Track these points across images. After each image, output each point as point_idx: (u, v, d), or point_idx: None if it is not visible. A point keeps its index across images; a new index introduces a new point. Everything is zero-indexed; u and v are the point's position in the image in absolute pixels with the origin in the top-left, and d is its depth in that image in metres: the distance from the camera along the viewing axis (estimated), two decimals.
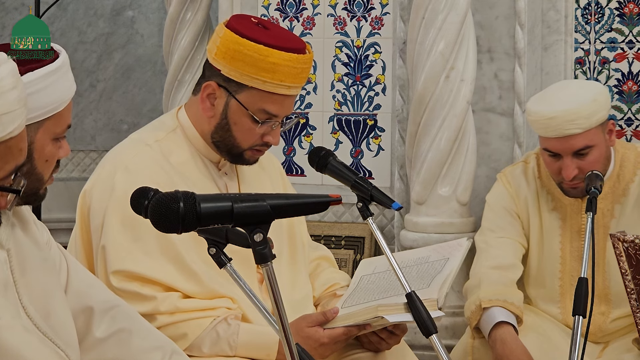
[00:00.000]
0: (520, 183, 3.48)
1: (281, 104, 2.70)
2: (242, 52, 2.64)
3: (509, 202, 3.47)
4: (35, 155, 2.09)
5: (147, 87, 6.46)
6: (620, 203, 3.37)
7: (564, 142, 3.24)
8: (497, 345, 3.17)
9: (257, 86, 2.66)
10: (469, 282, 3.42)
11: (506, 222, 3.46)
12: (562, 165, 3.27)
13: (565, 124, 3.21)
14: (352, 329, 2.67)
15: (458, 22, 3.82)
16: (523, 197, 3.46)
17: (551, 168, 3.32)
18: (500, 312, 3.23)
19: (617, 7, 4.03)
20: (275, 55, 2.63)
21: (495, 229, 3.46)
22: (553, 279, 3.42)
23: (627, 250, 2.61)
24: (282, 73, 2.64)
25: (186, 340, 2.59)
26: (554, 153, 3.28)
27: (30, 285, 2.13)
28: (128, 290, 2.58)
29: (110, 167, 2.70)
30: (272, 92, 2.66)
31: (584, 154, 3.25)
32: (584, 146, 3.24)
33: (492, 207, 3.52)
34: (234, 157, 2.76)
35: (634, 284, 2.73)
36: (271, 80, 2.65)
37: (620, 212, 3.37)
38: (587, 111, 3.22)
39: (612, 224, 3.36)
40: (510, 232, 3.44)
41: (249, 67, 2.64)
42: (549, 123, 3.23)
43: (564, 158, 3.26)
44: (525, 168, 3.51)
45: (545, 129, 3.25)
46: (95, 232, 2.65)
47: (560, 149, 3.26)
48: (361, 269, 2.94)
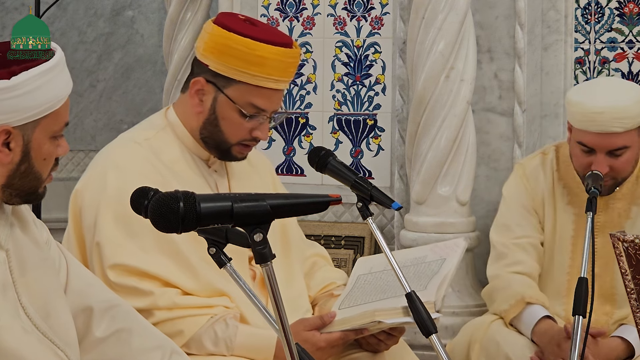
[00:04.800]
0: (538, 176, 3.45)
1: (269, 98, 2.71)
2: (230, 46, 2.65)
3: (526, 198, 3.45)
4: (33, 153, 2.09)
5: (147, 87, 6.46)
6: (637, 205, 3.35)
7: (603, 139, 3.21)
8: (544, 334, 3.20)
9: (245, 80, 2.67)
10: (494, 284, 3.42)
11: (523, 218, 3.44)
12: (593, 161, 3.23)
13: (611, 121, 3.18)
14: (349, 333, 2.67)
15: (458, 22, 3.82)
16: (540, 191, 3.44)
17: (580, 161, 3.28)
18: (542, 309, 3.27)
19: (617, 7, 4.03)
20: (263, 49, 2.65)
21: (513, 227, 3.44)
22: (561, 274, 3.41)
23: (627, 250, 2.61)
24: (270, 67, 2.65)
25: (182, 337, 2.59)
26: (589, 148, 3.25)
27: (29, 285, 2.13)
28: (126, 285, 2.58)
29: (101, 167, 2.70)
30: (260, 85, 2.67)
31: (619, 154, 3.22)
32: (622, 146, 3.21)
33: (508, 202, 3.49)
34: (222, 153, 2.77)
35: (634, 283, 2.73)
36: (259, 73, 2.66)
37: (636, 213, 3.35)
38: (635, 111, 3.19)
39: (627, 225, 3.34)
40: (528, 230, 3.42)
41: (237, 60, 2.65)
42: (595, 117, 3.19)
43: (597, 154, 3.22)
44: (544, 160, 3.48)
45: (588, 122, 3.21)
46: (89, 230, 2.65)
47: (597, 144, 3.22)
48: (358, 267, 2.93)
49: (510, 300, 3.30)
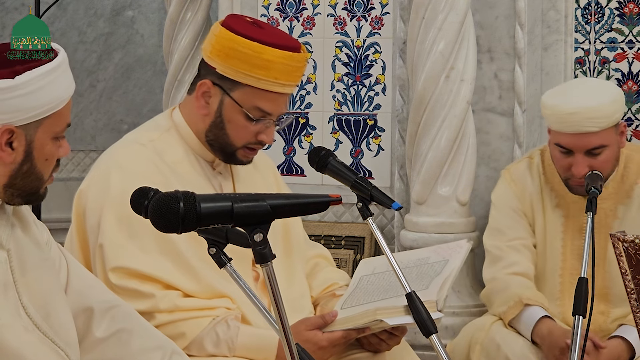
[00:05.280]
0: (525, 179, 3.48)
1: (275, 102, 2.70)
2: (237, 49, 2.64)
3: (515, 201, 3.47)
4: (35, 154, 2.09)
5: (147, 87, 6.46)
6: (624, 204, 3.36)
7: (579, 139, 3.23)
8: (546, 336, 3.20)
9: (252, 84, 2.66)
10: (492, 286, 3.43)
11: (514, 221, 3.46)
12: (572, 162, 3.25)
13: (584, 121, 3.20)
14: (351, 332, 2.67)
15: (458, 22, 3.82)
16: (528, 194, 3.46)
17: (560, 164, 3.31)
18: (541, 310, 3.27)
19: (617, 7, 4.03)
20: (269, 52, 2.64)
21: (505, 230, 3.45)
22: (554, 276, 3.42)
23: (627, 250, 2.61)
24: (276, 70, 2.65)
25: (184, 339, 2.59)
26: (566, 149, 3.27)
27: (30, 285, 2.14)
28: (127, 288, 2.58)
29: (105, 167, 2.70)
30: (267, 89, 2.67)
31: (597, 154, 3.24)
32: (599, 145, 3.23)
33: (498, 207, 3.51)
34: (227, 156, 2.76)
35: (634, 284, 2.73)
36: (265, 77, 2.65)
37: (624, 213, 3.36)
38: (608, 110, 3.22)
39: (615, 224, 3.36)
40: (520, 232, 3.44)
41: (243, 64, 2.65)
42: (567, 118, 3.22)
43: (575, 155, 3.25)
44: (530, 164, 3.50)
45: (562, 123, 3.24)
46: (92, 231, 2.65)
47: (574, 145, 3.24)
48: (360, 269, 2.93)
49: (509, 302, 3.30)
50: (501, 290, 3.37)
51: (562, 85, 3.43)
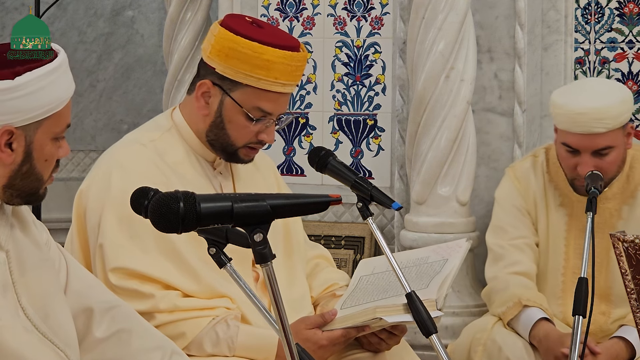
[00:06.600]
0: (529, 178, 3.47)
1: (275, 101, 2.70)
2: (237, 49, 2.64)
3: (519, 200, 3.46)
4: (35, 154, 2.09)
5: (147, 87, 6.46)
6: (628, 204, 3.36)
7: (587, 140, 3.23)
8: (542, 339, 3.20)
9: (252, 84, 2.66)
10: (493, 285, 3.43)
11: (517, 219, 3.45)
12: (579, 162, 3.25)
13: (593, 122, 3.20)
14: (350, 331, 2.67)
15: (458, 22, 3.82)
16: (532, 192, 3.45)
17: (566, 163, 3.30)
18: (540, 311, 3.27)
19: (617, 7, 4.03)
20: (269, 52, 2.64)
21: (508, 228, 3.45)
22: (556, 275, 3.42)
23: (627, 250, 2.61)
24: (276, 70, 2.65)
25: (184, 339, 2.59)
26: (573, 149, 3.26)
27: (29, 286, 2.14)
28: (127, 288, 2.58)
29: (106, 167, 2.70)
30: (267, 89, 2.67)
31: (604, 154, 3.24)
32: (606, 146, 3.23)
33: (502, 205, 3.51)
34: (228, 156, 2.76)
35: (634, 284, 2.73)
36: (265, 77, 2.65)
37: (628, 213, 3.36)
38: (616, 111, 3.21)
39: (620, 225, 3.35)
40: (523, 230, 3.44)
41: (243, 64, 2.64)
42: (576, 118, 3.22)
43: (582, 155, 3.24)
44: (535, 162, 3.50)
45: (571, 123, 3.23)
46: (93, 231, 2.65)
47: (581, 145, 3.24)
48: (360, 269, 2.94)
49: (508, 303, 3.30)
50: (501, 290, 3.37)
51: (571, 85, 3.43)
